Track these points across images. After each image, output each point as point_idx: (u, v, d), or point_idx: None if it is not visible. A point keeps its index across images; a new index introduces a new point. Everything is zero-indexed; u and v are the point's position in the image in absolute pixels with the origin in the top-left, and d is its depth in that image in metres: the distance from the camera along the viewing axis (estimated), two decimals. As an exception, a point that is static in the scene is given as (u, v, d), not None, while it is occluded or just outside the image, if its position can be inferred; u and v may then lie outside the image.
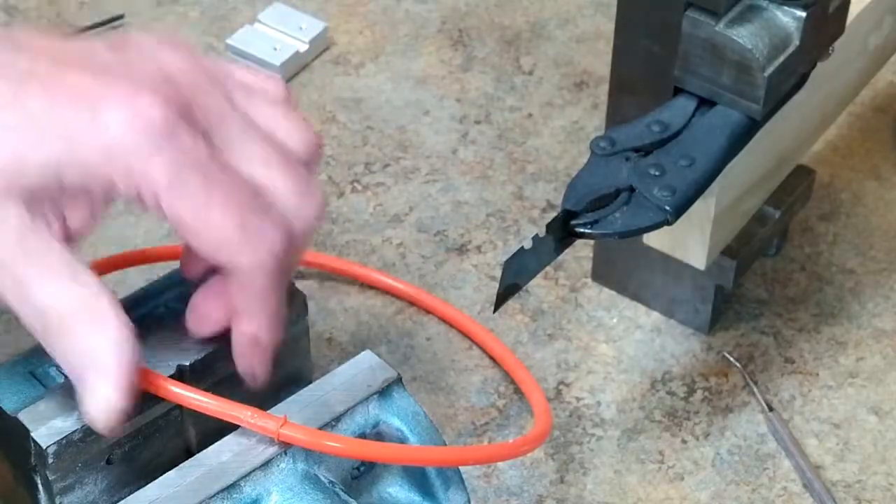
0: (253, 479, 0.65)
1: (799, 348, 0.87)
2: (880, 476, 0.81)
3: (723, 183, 0.77)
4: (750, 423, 0.83)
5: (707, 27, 0.73)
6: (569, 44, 1.05)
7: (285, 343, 0.71)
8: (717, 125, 0.74)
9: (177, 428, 0.69)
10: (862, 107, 1.01)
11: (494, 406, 0.83)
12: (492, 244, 0.91)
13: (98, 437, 0.65)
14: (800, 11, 0.73)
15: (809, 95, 0.80)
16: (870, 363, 0.86)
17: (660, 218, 0.71)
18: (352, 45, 1.05)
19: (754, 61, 0.72)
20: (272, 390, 0.72)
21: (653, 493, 0.79)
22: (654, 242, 0.82)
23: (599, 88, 1.01)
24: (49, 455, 0.64)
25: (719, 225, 0.80)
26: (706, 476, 0.80)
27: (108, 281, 0.88)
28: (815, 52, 0.77)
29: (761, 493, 0.80)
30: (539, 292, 0.89)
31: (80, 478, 0.66)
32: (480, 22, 1.07)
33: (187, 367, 0.68)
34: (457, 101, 1.00)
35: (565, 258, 0.90)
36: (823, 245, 0.92)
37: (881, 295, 0.90)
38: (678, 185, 0.72)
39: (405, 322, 0.87)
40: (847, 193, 0.96)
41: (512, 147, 0.98)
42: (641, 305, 0.88)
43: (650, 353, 0.86)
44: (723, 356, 0.86)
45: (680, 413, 0.83)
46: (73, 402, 0.65)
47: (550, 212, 0.92)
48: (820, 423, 0.83)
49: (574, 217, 0.70)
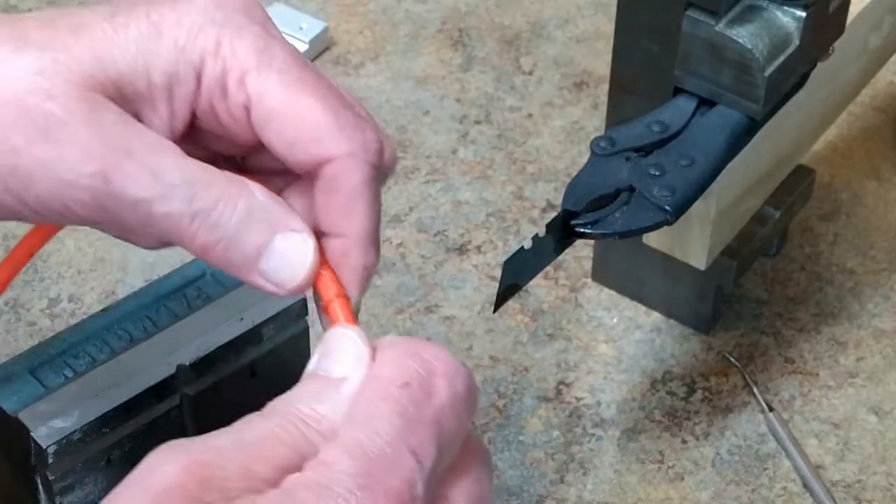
0: (253, 479, 0.65)
1: (799, 348, 0.87)
2: (880, 476, 0.81)
3: (723, 183, 0.77)
4: (750, 423, 0.83)
5: (707, 27, 0.73)
6: (569, 44, 1.05)
7: (285, 343, 0.71)
8: (717, 125, 0.74)
9: (177, 428, 0.69)
10: (862, 107, 1.01)
11: (494, 406, 0.83)
12: (492, 244, 0.91)
13: (98, 437, 0.65)
14: (800, 11, 0.73)
15: (809, 95, 0.80)
16: (870, 363, 0.86)
17: (660, 218, 0.71)
18: (352, 45, 1.05)
19: (754, 61, 0.72)
20: (272, 390, 0.72)
21: (653, 493, 0.79)
22: (654, 242, 0.82)
23: (599, 88, 1.01)
24: (49, 455, 0.64)
25: (719, 225, 0.80)
26: (706, 476, 0.80)
27: (108, 281, 0.88)
28: (815, 52, 0.77)
29: (761, 493, 0.80)
30: (539, 292, 0.89)
31: (80, 478, 0.66)
32: (480, 22, 1.07)
33: (187, 367, 0.68)
34: (457, 101, 1.00)
35: (565, 258, 0.90)
36: (823, 245, 0.92)
37: (881, 295, 0.90)
38: (678, 185, 0.72)
39: (405, 322, 0.87)
40: (847, 193, 0.96)
41: (512, 147, 0.98)
42: (641, 305, 0.88)
43: (650, 353, 0.86)
44: (723, 356, 0.86)
45: (680, 413, 0.83)
46: (73, 402, 0.65)
47: (550, 212, 0.92)
48: (820, 423, 0.83)
49: (574, 217, 0.70)
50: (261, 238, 0.52)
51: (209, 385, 0.69)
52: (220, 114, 0.54)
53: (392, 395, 0.47)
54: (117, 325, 0.70)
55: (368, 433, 0.46)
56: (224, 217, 0.51)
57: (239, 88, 0.53)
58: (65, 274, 0.88)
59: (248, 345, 0.70)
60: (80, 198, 0.50)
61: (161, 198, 0.51)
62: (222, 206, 0.51)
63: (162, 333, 0.69)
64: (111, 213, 0.51)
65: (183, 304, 0.71)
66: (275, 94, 0.53)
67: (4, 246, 0.90)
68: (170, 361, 0.68)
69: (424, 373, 0.48)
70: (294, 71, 0.53)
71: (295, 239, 0.52)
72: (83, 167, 0.50)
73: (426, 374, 0.48)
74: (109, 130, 0.51)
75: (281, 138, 0.53)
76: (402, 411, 0.46)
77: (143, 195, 0.50)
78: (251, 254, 0.52)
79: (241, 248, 0.52)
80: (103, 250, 0.89)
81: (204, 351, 0.68)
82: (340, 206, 0.54)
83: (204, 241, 0.51)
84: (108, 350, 0.69)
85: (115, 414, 0.66)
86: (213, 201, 0.51)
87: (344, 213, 0.54)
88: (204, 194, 0.51)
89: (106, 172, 0.50)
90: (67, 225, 0.55)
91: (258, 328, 0.70)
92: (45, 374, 0.67)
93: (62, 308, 0.86)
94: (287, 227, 0.52)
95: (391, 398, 0.47)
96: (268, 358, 0.71)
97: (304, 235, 0.52)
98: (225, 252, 0.52)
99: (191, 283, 0.72)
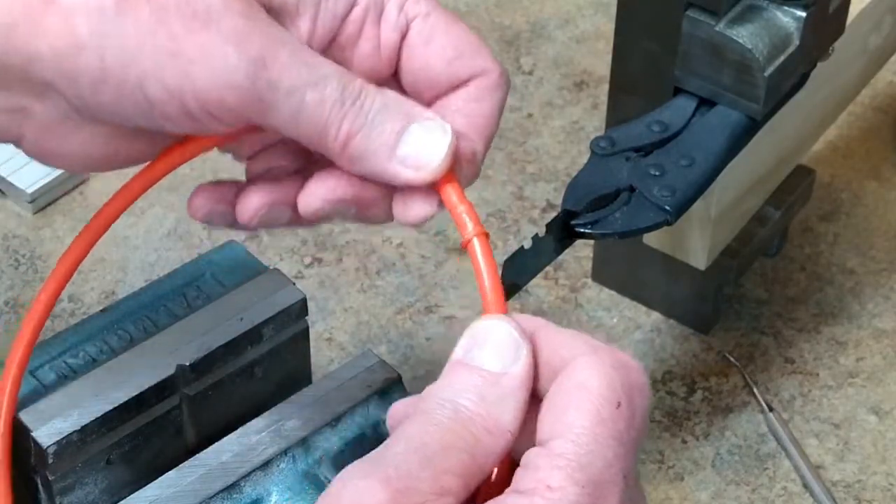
0: (253, 479, 0.65)
1: (799, 348, 0.87)
2: (880, 476, 0.81)
3: (723, 183, 0.77)
4: (750, 423, 0.83)
5: (707, 27, 0.73)
6: (569, 44, 1.05)
7: (285, 343, 0.71)
8: (717, 125, 0.74)
9: (177, 428, 0.69)
10: (862, 107, 1.01)
11: (494, 406, 0.83)
12: (492, 244, 0.91)
13: (98, 437, 0.66)
14: (800, 11, 0.73)
15: (809, 95, 0.80)
16: (870, 363, 0.86)
17: (660, 218, 0.71)
18: (352, 45, 1.04)
19: (754, 61, 0.72)
20: (272, 390, 0.72)
21: (653, 493, 0.79)
22: (654, 242, 0.82)
23: (599, 88, 1.01)
24: (49, 455, 0.64)
25: (719, 225, 0.80)
26: (706, 476, 0.80)
27: (108, 281, 0.88)
28: (815, 52, 0.77)
29: (761, 493, 0.80)
30: (539, 292, 0.89)
31: (80, 478, 0.66)
32: (480, 22, 1.07)
33: (187, 367, 0.68)
34: (457, 101, 1.00)
35: (565, 258, 0.90)
36: (823, 245, 0.92)
37: (881, 295, 0.90)
38: (678, 185, 0.72)
39: (405, 322, 0.87)
40: (847, 193, 0.96)
41: (512, 147, 0.98)
42: (641, 305, 0.88)
43: (650, 353, 0.86)
44: (723, 356, 0.86)
45: (680, 413, 0.83)
46: (73, 402, 0.65)
47: (550, 212, 0.92)
48: (820, 423, 0.83)
49: (574, 217, 0.70)
50: (399, 124, 0.55)
51: (209, 385, 0.69)
52: (364, 38, 0.57)
53: (609, 418, 0.48)
54: (117, 325, 0.70)
55: (591, 458, 0.47)
56: (366, 104, 0.54)
57: (400, 12, 0.57)
58: (65, 274, 0.88)
59: (248, 345, 0.70)
60: (240, 84, 0.52)
61: (314, 85, 0.53)
62: (364, 94, 0.54)
63: (162, 333, 0.69)
64: (266, 103, 0.53)
65: (183, 304, 0.71)
66: (437, 16, 0.57)
67: (4, 246, 0.90)
68: (170, 361, 0.68)
69: (629, 389, 0.49)
70: (437, 3, 0.58)
71: (431, 125, 0.55)
72: (243, 52, 0.52)
73: (629, 390, 0.49)
74: (265, 24, 0.54)
75: (443, 53, 0.57)
76: (617, 436, 0.48)
77: (297, 82, 0.53)
78: (390, 140, 0.54)
79: (380, 134, 0.54)
80: (103, 250, 0.89)
81: (204, 351, 0.68)
82: (485, 114, 0.58)
83: (349, 129, 0.54)
84: (108, 350, 0.69)
85: (115, 414, 0.66)
86: (357, 90, 0.54)
87: (485, 121, 0.58)
88: (351, 84, 0.54)
89: (265, 58, 0.52)
90: (213, 134, 0.56)
91: (258, 328, 0.70)
92: (45, 374, 0.67)
93: (62, 308, 0.86)
94: (423, 116, 0.55)
95: (609, 421, 0.48)
96: (268, 358, 0.71)
97: (440, 122, 0.55)
98: (365, 139, 0.54)
99: (191, 283, 0.72)
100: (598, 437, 0.47)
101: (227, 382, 0.70)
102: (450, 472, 0.47)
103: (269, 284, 0.71)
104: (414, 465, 0.47)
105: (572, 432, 0.47)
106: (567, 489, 0.46)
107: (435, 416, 0.48)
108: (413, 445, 0.47)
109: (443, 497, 0.46)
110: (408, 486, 0.46)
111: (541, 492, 0.46)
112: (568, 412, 0.48)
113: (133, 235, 0.90)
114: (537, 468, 0.47)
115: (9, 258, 0.89)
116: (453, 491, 0.47)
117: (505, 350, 0.50)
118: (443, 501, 0.46)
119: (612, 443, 0.47)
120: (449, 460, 0.47)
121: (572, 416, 0.48)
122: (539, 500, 0.46)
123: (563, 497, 0.46)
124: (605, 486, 0.47)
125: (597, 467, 0.47)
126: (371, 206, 0.57)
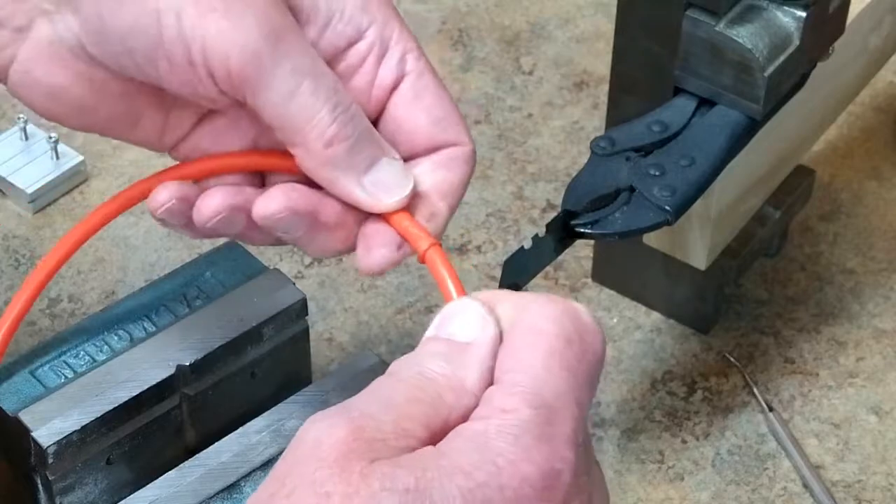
0: (253, 479, 0.65)
1: (799, 348, 0.87)
2: (880, 476, 0.81)
3: (723, 183, 0.77)
4: (750, 423, 0.83)
5: (707, 27, 0.73)
6: (569, 44, 1.05)
7: (285, 343, 0.71)
8: (717, 125, 0.74)
9: (177, 428, 0.69)
10: (862, 107, 1.01)
11: (494, 406, 0.83)
12: (492, 244, 0.91)
13: (98, 437, 0.66)
14: (800, 11, 0.73)
15: (809, 95, 0.80)
16: (870, 363, 0.86)
17: (660, 218, 0.71)
18: (352, 45, 1.04)
19: (754, 61, 0.72)
20: (272, 390, 0.72)
21: (653, 493, 0.79)
22: (654, 242, 0.82)
23: (599, 88, 1.01)
24: (49, 455, 0.64)
25: (719, 225, 0.80)
26: (706, 476, 0.80)
27: (108, 281, 0.88)
28: (815, 52, 0.77)
29: (761, 493, 0.80)
30: (539, 292, 0.89)
31: (80, 478, 0.66)
32: (480, 22, 1.07)
33: (187, 367, 0.68)
34: (457, 101, 1.00)
35: (565, 258, 0.90)
36: (823, 245, 0.92)
37: (881, 295, 0.90)
38: (678, 185, 0.72)
39: (405, 322, 0.87)
40: (847, 193, 0.96)
41: (512, 147, 0.98)
42: (641, 305, 0.88)
43: (650, 353, 0.86)
44: (723, 356, 0.86)
45: (680, 413, 0.83)
46: (73, 402, 0.65)
47: (550, 212, 0.92)
48: (820, 423, 0.83)
49: (574, 217, 0.70)
50: (373, 153, 0.58)
51: (209, 385, 0.69)
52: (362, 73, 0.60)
53: (560, 352, 0.50)
54: (117, 325, 0.70)
55: (544, 386, 0.49)
56: (356, 120, 0.57)
57: (400, 60, 0.60)
58: (65, 274, 0.88)
59: (248, 345, 0.70)
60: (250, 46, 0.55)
61: (315, 77, 0.56)
62: (356, 111, 0.58)
63: (162, 333, 0.69)
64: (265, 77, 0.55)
65: (183, 304, 0.71)
66: (431, 78, 0.60)
67: (4, 246, 0.90)
68: (170, 361, 0.68)
69: (580, 328, 0.51)
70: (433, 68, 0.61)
71: (399, 165, 0.58)
72: (263, 22, 0.55)
73: (580, 329, 0.51)
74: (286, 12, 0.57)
75: (430, 112, 0.60)
76: (569, 367, 0.49)
77: (302, 67, 0.56)
78: (362, 164, 0.58)
79: (359, 152, 0.57)
80: (103, 250, 0.89)
81: (204, 351, 0.68)
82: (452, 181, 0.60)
83: (337, 133, 0.57)
84: (108, 350, 0.69)
85: (115, 414, 0.66)
86: (350, 103, 0.57)
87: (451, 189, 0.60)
88: (346, 97, 0.57)
89: (279, 34, 0.55)
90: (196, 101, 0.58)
91: (258, 328, 0.70)
92: (45, 374, 0.67)
93: (62, 308, 0.86)
94: (392, 155, 0.59)
95: (558, 354, 0.49)
96: (268, 358, 0.71)
97: (405, 165, 0.59)
98: (348, 150, 0.57)
99: (191, 283, 0.72)
100: (550, 368, 0.49)
101: (227, 382, 0.70)
102: (412, 419, 0.48)
103: (269, 284, 0.72)
104: (377, 408, 0.48)
105: (525, 365, 0.49)
106: (521, 410, 0.48)
107: (401, 374, 0.50)
108: (377, 396, 0.49)
109: (404, 438, 0.47)
110: (369, 425, 0.47)
111: (496, 415, 0.48)
112: (521, 351, 0.50)
113: (133, 235, 0.90)
114: (492, 398, 0.49)
115: (9, 258, 0.89)
116: (416, 436, 0.48)
117: (473, 323, 0.51)
118: (404, 442, 0.47)
119: (564, 374, 0.49)
120: (411, 409, 0.48)
121: (525, 353, 0.50)
122: (495, 421, 0.48)
123: (517, 417, 0.48)
124: (559, 412, 0.48)
125: (550, 394, 0.49)
126: (321, 229, 0.59)
